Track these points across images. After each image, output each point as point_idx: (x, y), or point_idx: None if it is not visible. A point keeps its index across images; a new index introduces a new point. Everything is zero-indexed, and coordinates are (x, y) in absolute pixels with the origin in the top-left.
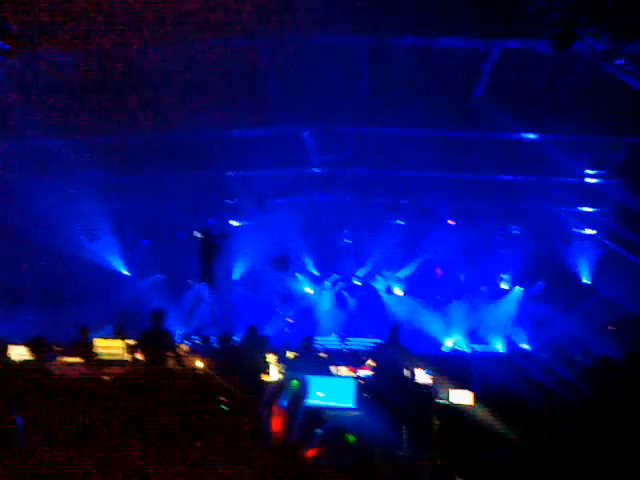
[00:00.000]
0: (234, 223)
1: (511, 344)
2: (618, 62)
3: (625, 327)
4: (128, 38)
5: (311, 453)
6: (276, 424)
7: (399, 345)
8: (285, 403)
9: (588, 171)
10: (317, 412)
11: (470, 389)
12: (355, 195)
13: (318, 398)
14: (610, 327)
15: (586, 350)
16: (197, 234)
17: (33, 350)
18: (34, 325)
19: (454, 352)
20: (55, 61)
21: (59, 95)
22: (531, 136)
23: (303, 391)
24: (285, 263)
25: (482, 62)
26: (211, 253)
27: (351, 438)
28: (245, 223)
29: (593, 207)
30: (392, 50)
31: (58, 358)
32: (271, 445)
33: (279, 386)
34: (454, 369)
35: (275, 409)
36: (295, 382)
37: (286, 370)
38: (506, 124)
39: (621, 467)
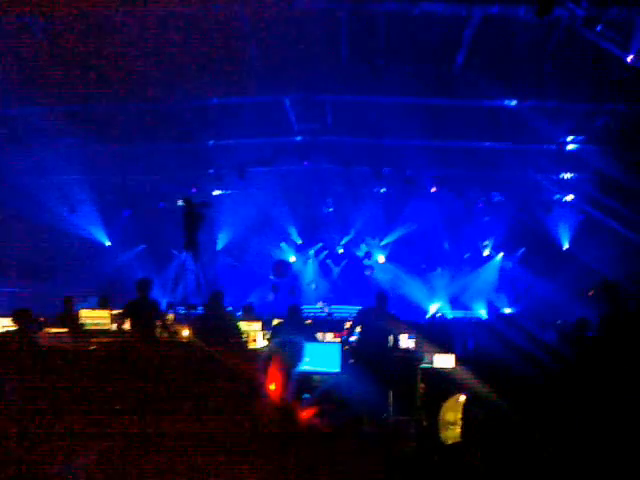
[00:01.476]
0: (217, 192)
1: (493, 309)
2: (598, 28)
3: (604, 292)
4: (103, 2)
5: (306, 413)
6: (272, 385)
7: (387, 312)
8: (282, 365)
9: (568, 138)
10: (305, 377)
11: (453, 353)
12: (337, 163)
13: (305, 363)
14: (590, 292)
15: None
16: (180, 203)
17: (18, 321)
18: (18, 297)
19: (438, 318)
20: (26, 26)
21: (31, 61)
22: (512, 103)
23: (299, 353)
24: (285, 269)
25: (463, 28)
26: (194, 222)
27: (342, 399)
28: (228, 192)
29: (573, 173)
30: (372, 16)
31: (44, 329)
32: (267, 406)
33: (275, 348)
34: (437, 334)
35: (271, 370)
36: (291, 344)
37: (272, 337)
38: (487, 91)
39: (599, 427)
